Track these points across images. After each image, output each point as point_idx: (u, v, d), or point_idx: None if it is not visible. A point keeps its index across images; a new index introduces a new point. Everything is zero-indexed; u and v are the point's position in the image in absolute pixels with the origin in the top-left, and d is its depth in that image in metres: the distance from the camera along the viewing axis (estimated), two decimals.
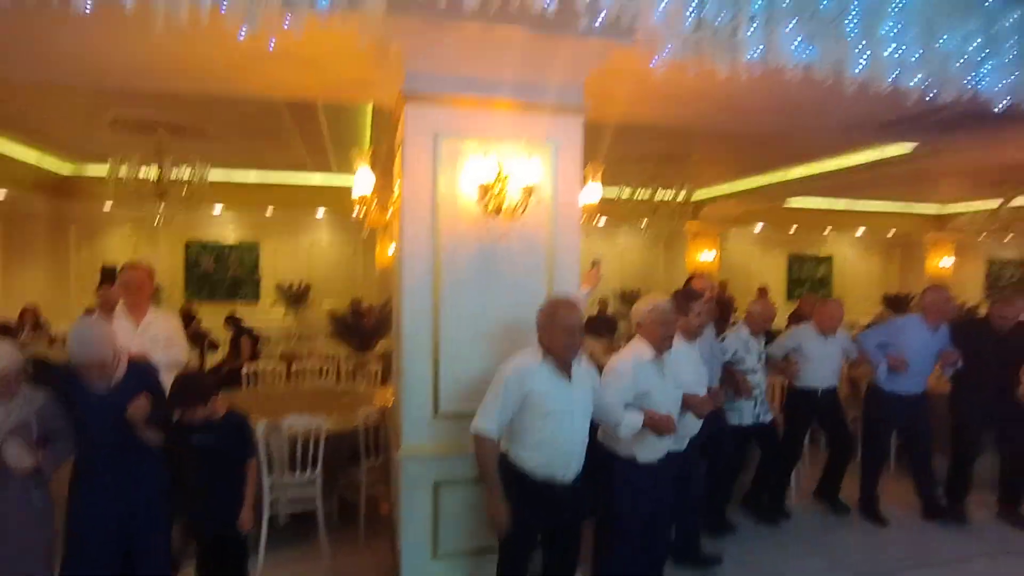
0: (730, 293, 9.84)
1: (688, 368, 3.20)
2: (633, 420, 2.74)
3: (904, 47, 2.97)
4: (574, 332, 2.57)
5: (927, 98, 3.07)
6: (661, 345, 2.90)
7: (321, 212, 10.76)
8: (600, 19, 2.23)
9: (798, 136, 5.36)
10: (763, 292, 9.74)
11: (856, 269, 13.75)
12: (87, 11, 2.22)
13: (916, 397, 4.31)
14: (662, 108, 3.95)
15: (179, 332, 3.79)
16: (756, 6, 2.76)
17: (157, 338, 3.54)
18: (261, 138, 7.20)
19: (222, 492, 2.77)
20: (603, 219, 10.98)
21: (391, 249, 4.75)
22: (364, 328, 5.63)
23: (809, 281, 13.42)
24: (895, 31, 2.95)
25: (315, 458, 3.71)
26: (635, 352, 2.91)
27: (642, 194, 7.70)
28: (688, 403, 3.07)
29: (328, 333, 6.91)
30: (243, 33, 2.25)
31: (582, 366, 2.72)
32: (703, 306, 3.36)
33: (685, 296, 3.42)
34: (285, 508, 3.73)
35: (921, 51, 2.99)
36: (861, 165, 7.48)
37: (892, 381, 4.30)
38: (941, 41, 3.02)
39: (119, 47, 3.12)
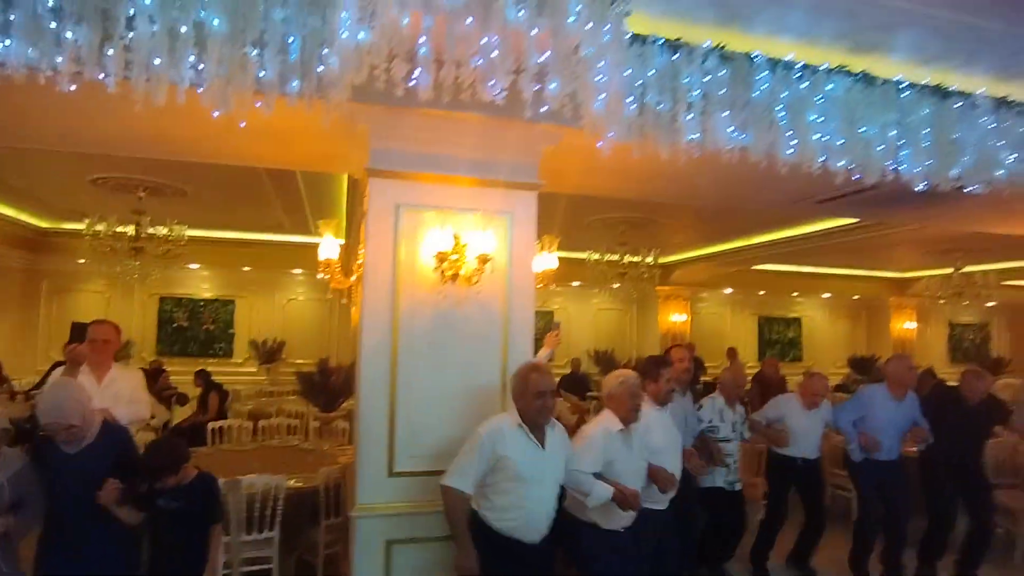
0: (699, 355, 10.01)
1: (659, 433, 3.32)
2: (602, 492, 2.83)
3: (829, 135, 3.26)
4: (546, 395, 2.70)
5: (853, 179, 3.35)
6: (629, 416, 3.02)
7: (298, 271, 10.90)
8: (545, 108, 2.45)
9: (749, 208, 5.67)
10: (733, 354, 9.93)
11: (824, 331, 14.10)
12: (71, 90, 2.40)
13: (891, 464, 4.35)
14: (616, 182, 4.21)
15: (142, 388, 3.82)
16: (693, 95, 3.04)
17: (120, 395, 3.56)
18: (240, 200, 7.40)
19: (186, 554, 2.76)
20: (577, 282, 11.32)
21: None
22: (331, 387, 5.68)
23: (780, 342, 13.71)
24: (821, 120, 3.25)
25: (273, 517, 3.70)
26: (604, 423, 3.05)
27: (611, 257, 7.96)
28: (653, 477, 3.16)
29: (296, 391, 6.93)
30: (217, 113, 2.45)
31: (556, 432, 2.83)
32: (672, 372, 3.48)
33: (654, 363, 3.54)
34: (240, 569, 3.69)
35: (845, 138, 3.28)
36: (815, 233, 7.90)
37: (863, 453, 4.36)
38: (863, 129, 3.32)
39: (100, 120, 3.30)
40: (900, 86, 3.40)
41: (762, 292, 13.08)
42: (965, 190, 3.56)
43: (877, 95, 3.36)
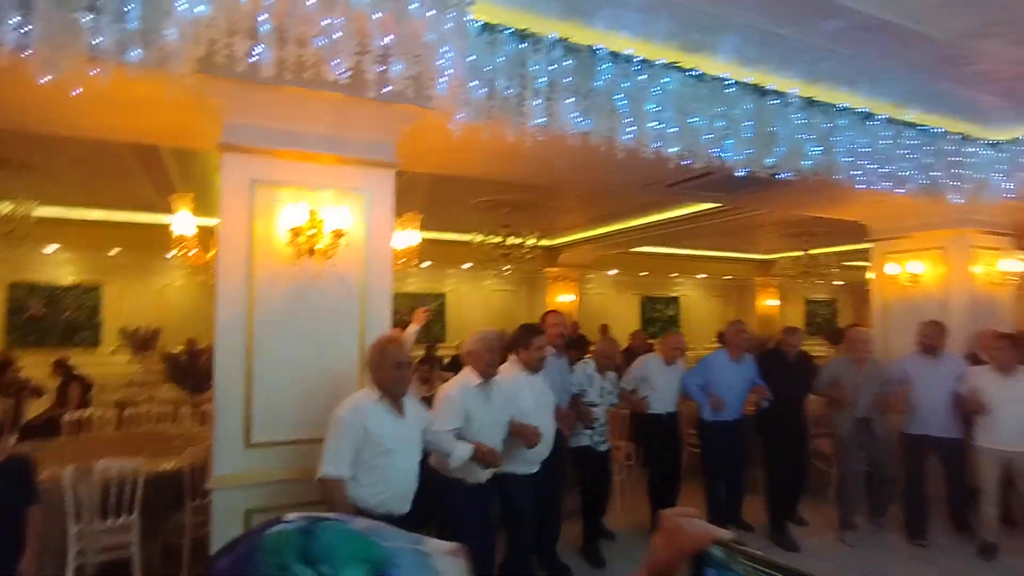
0: (582, 332, 10.59)
1: (528, 396, 3.53)
2: (462, 451, 3.00)
3: (664, 123, 3.62)
4: (403, 366, 2.78)
5: (683, 163, 3.74)
6: (487, 371, 3.22)
7: (175, 253, 10.29)
8: (388, 89, 2.58)
9: (607, 190, 6.07)
10: (604, 330, 10.55)
11: (700, 308, 15.23)
12: None
13: (735, 423, 4.86)
14: (477, 163, 4.40)
15: None
16: (540, 82, 3.28)
17: None
18: (102, 176, 6.88)
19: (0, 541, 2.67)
20: (468, 264, 11.51)
21: None
22: (200, 368, 5.49)
23: (660, 320, 14.66)
24: (657, 109, 3.60)
25: (132, 502, 3.61)
26: (463, 379, 3.24)
27: (494, 239, 8.20)
28: (517, 432, 3.36)
29: (163, 377, 6.63)
30: (44, 80, 2.37)
31: (412, 403, 2.93)
32: (544, 340, 3.66)
33: (526, 331, 3.69)
34: (95, 557, 3.58)
35: (678, 127, 3.66)
36: (684, 216, 8.54)
37: (714, 413, 4.80)
38: (693, 120, 3.71)
39: None
40: (725, 83, 3.82)
41: (644, 273, 13.91)
42: (778, 176, 4.07)
43: (706, 90, 3.77)
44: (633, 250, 11.83)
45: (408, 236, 4.43)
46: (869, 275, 6.67)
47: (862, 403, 4.77)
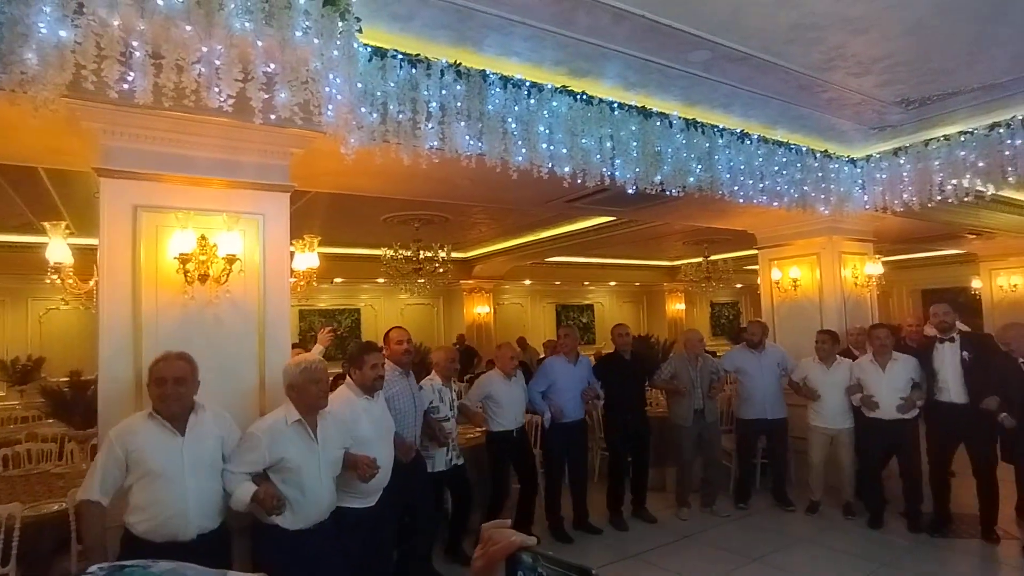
0: (470, 344, 10.90)
1: (366, 423, 3.22)
2: (242, 495, 2.64)
3: (555, 145, 3.80)
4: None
5: (578, 182, 3.93)
6: (311, 406, 2.84)
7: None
8: (275, 117, 2.58)
9: (512, 207, 6.25)
10: (460, 340, 10.88)
11: (613, 315, 15.75)
12: None
13: (575, 425, 5.06)
14: (378, 183, 4.44)
15: None
16: (433, 106, 3.37)
17: None
18: None
19: None
20: (382, 280, 11.38)
21: None
22: (85, 401, 5.12)
23: (576, 327, 15.07)
24: (548, 132, 3.78)
25: (7, 551, 3.35)
26: (273, 417, 2.84)
27: (405, 253, 8.21)
28: (349, 464, 2.99)
29: (45, 411, 6.14)
30: None
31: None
32: (378, 357, 3.37)
33: (359, 349, 3.43)
34: None
35: (568, 148, 3.85)
36: (592, 228, 8.88)
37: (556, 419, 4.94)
38: (583, 141, 3.92)
39: None
40: (612, 106, 4.07)
41: (558, 282, 14.28)
42: (666, 193, 4.36)
43: (594, 112, 3.99)
44: (546, 260, 12.14)
45: (307, 258, 4.37)
46: (758, 279, 7.19)
47: (697, 396, 5.35)
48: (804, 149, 5.16)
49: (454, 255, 10.93)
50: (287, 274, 3.41)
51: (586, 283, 15.12)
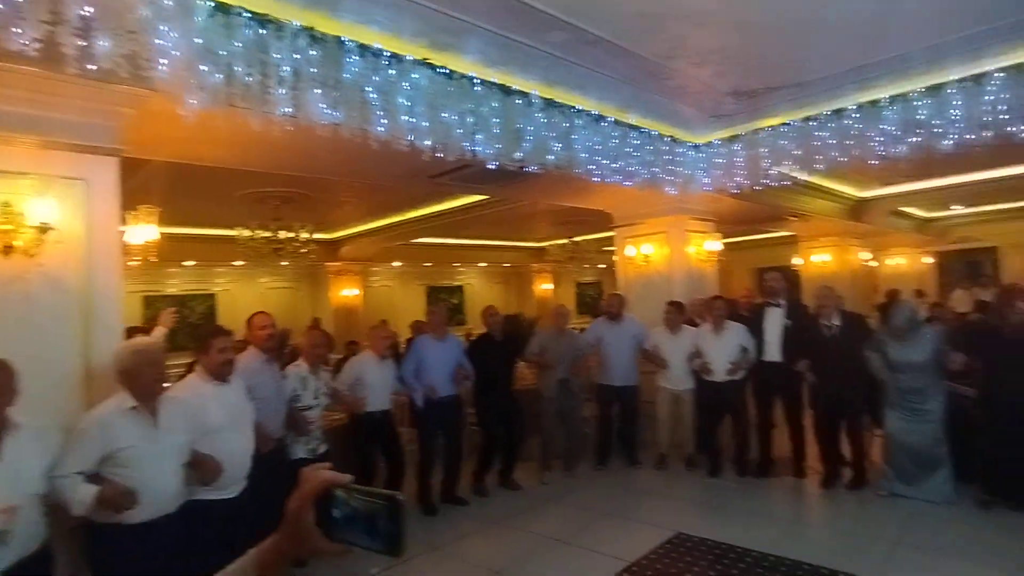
0: (285, 328, 10.53)
1: (217, 410, 3.00)
2: (83, 498, 2.41)
3: (416, 117, 3.76)
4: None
5: (439, 156, 3.93)
6: (147, 392, 2.63)
7: None
8: (95, 67, 2.31)
9: (375, 182, 6.14)
10: (315, 324, 10.62)
11: (483, 295, 15.99)
12: None
13: (448, 401, 5.12)
14: (227, 152, 4.14)
15: None
16: (284, 71, 3.19)
17: None
18: None
19: None
20: (239, 261, 10.65)
21: None
22: None
23: (444, 307, 15.13)
24: (408, 104, 3.73)
25: None
26: (105, 407, 2.62)
27: (264, 234, 7.74)
28: (196, 466, 2.76)
29: None
30: None
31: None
32: (226, 341, 3.12)
33: (205, 333, 3.21)
34: None
35: (429, 121, 3.83)
36: (459, 207, 8.92)
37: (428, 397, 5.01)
38: (444, 115, 3.91)
39: None
40: (474, 81, 4.08)
41: (428, 264, 14.22)
42: (525, 169, 4.49)
43: (455, 87, 3.98)
44: (415, 241, 12.00)
45: (144, 231, 3.97)
46: (615, 257, 7.65)
47: (562, 367, 5.68)
48: (655, 133, 5.54)
49: (319, 236, 10.51)
50: (118, 248, 3.07)
51: (456, 264, 15.19)
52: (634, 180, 5.43)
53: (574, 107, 4.80)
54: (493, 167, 4.26)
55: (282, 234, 7.80)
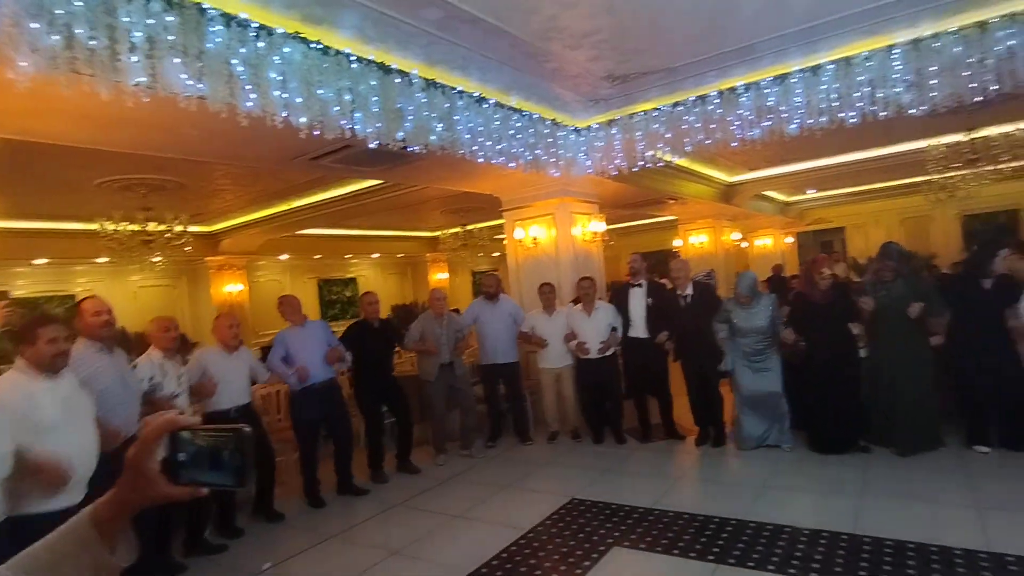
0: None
1: (48, 407, 2.71)
2: None
3: (289, 93, 3.63)
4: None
5: (316, 134, 3.82)
6: None
7: None
8: None
9: (250, 164, 5.86)
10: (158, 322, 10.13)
11: (378, 287, 15.66)
12: None
13: (325, 385, 4.96)
14: (83, 128, 3.80)
15: None
16: (136, 36, 2.97)
17: None
18: None
19: None
20: (104, 258, 9.75)
21: None
22: None
23: (339, 302, 14.72)
24: (280, 78, 3.58)
25: None
26: None
27: (132, 227, 7.14)
28: (34, 470, 2.53)
29: None
30: None
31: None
32: (55, 330, 2.80)
33: (32, 322, 2.88)
34: None
35: (304, 98, 3.71)
36: (347, 195, 8.69)
37: (301, 383, 4.86)
38: (320, 92, 3.80)
39: None
40: (350, 58, 3.99)
41: (318, 256, 13.74)
42: (409, 150, 4.47)
43: (332, 63, 3.87)
44: (303, 232, 11.55)
45: None
46: (505, 241, 7.78)
47: (445, 350, 5.74)
48: (536, 116, 5.69)
49: (196, 228, 9.85)
50: None
51: (348, 256, 14.80)
52: (518, 162, 5.55)
53: (455, 88, 4.82)
54: (374, 146, 4.20)
55: (152, 226, 7.22)
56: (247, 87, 3.41)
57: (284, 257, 13.20)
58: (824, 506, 4.07)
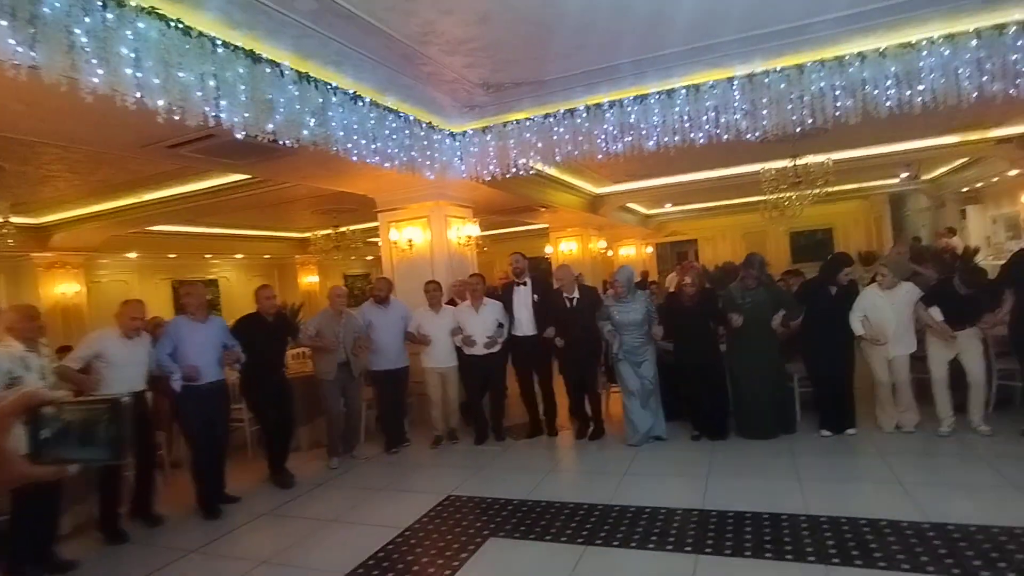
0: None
1: None
2: None
3: (143, 72, 3.36)
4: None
5: (176, 119, 3.56)
6: None
7: None
8: None
9: (110, 152, 5.35)
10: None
11: (242, 289, 14.76)
12: None
13: (214, 387, 4.71)
14: None
15: None
16: None
17: None
18: None
19: None
20: None
21: None
22: None
23: (201, 286, 13.62)
24: (133, 56, 3.31)
25: None
26: None
27: None
28: None
29: None
30: None
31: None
32: None
33: None
34: None
35: (162, 79, 3.45)
36: (206, 190, 8.11)
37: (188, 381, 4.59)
38: (181, 74, 3.56)
39: None
40: (215, 42, 3.78)
41: (173, 255, 12.64)
42: (279, 143, 4.30)
43: (193, 45, 3.64)
44: (155, 229, 10.60)
45: None
46: (379, 241, 7.68)
47: (342, 348, 5.65)
48: (412, 118, 5.70)
49: (20, 220, 8.68)
50: None
51: (208, 256, 13.75)
52: (392, 163, 5.52)
53: (329, 84, 4.72)
54: (241, 137, 4.00)
55: None
56: (92, 61, 3.13)
57: (132, 255, 11.98)
58: (677, 487, 4.46)
